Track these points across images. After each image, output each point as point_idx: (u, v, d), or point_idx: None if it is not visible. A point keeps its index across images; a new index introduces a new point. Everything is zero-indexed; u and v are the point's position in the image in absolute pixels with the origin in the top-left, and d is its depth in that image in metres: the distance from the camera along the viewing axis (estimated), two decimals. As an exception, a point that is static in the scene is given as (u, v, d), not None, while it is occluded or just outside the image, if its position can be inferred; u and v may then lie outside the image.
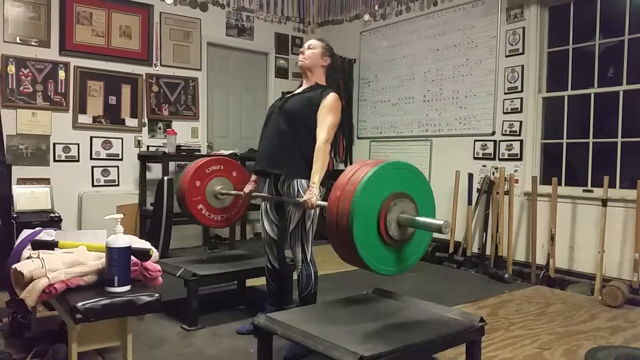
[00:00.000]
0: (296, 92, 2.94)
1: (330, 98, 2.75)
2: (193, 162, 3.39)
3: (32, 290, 2.12)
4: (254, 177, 3.13)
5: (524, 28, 4.65)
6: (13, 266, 2.25)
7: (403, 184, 2.00)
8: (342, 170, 2.03)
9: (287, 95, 2.96)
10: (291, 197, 2.76)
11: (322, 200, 2.58)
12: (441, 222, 1.86)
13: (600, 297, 3.76)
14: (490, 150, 4.92)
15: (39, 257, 2.22)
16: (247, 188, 3.11)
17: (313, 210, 2.73)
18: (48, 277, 2.12)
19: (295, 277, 2.93)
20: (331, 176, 3.01)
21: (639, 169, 3.99)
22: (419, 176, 2.08)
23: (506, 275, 4.33)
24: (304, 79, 2.96)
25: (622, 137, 4.10)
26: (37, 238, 2.49)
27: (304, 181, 2.73)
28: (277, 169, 2.81)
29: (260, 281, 3.67)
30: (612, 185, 4.04)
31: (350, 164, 6.27)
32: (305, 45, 2.92)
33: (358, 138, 6.32)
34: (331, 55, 2.92)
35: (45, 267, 2.15)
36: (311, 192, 2.58)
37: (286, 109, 2.81)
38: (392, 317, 2.23)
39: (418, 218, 1.95)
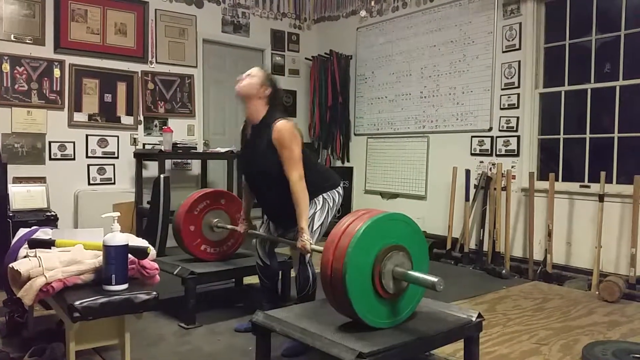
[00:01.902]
0: (249, 137, 2.88)
1: (280, 131, 2.66)
2: (184, 201, 3.37)
3: (29, 289, 2.11)
4: (243, 214, 3.14)
5: (520, 24, 4.65)
6: (10, 265, 2.24)
7: (397, 235, 2.00)
8: (339, 167, 2.02)
9: (246, 150, 2.94)
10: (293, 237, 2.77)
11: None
12: (435, 280, 1.86)
13: (597, 292, 3.77)
14: (487, 146, 4.92)
15: (36, 256, 2.21)
16: (242, 228, 3.13)
17: (317, 218, 2.77)
18: (45, 276, 2.11)
19: (293, 275, 2.93)
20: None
21: (636, 164, 3.99)
22: (413, 227, 2.08)
23: (504, 271, 4.33)
24: (245, 108, 2.85)
25: (618, 133, 4.11)
26: (33, 237, 2.48)
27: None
28: (279, 221, 2.91)
29: (257, 279, 3.66)
30: (609, 180, 4.04)
31: (348, 161, 6.31)
32: (246, 72, 2.84)
33: (355, 135, 6.31)
34: (272, 86, 2.81)
35: (42, 266, 2.14)
36: (302, 239, 2.59)
37: (259, 172, 2.80)
38: (390, 313, 2.22)
39: (412, 273, 1.94)
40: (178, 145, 5.17)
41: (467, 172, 4.92)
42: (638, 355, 2.55)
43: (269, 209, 2.96)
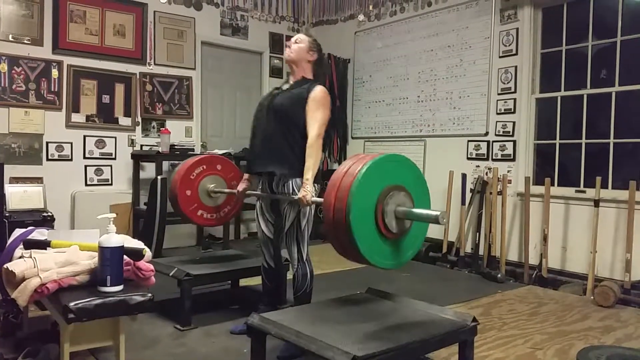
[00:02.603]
0: (284, 87, 2.92)
1: (318, 92, 2.75)
2: (179, 167, 3.34)
3: (24, 289, 2.11)
4: (246, 175, 3.11)
5: (517, 29, 4.67)
6: (5, 265, 2.24)
7: (399, 176, 2.01)
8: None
9: (274, 92, 2.94)
10: (286, 196, 2.75)
11: (318, 197, 2.58)
12: (438, 213, 1.87)
13: (592, 297, 3.78)
14: (483, 150, 4.93)
15: (31, 257, 2.21)
16: (241, 186, 3.10)
17: (308, 208, 2.73)
18: (40, 277, 2.11)
19: (290, 276, 2.93)
20: (325, 175, 3.01)
21: (631, 170, 4.01)
22: (414, 169, 2.09)
23: (499, 275, 4.34)
24: (291, 74, 2.96)
25: (614, 138, 4.13)
26: (29, 237, 2.48)
27: (298, 180, 2.72)
28: (270, 168, 2.80)
29: (254, 281, 3.67)
30: (604, 185, 4.06)
31: (345, 163, 6.31)
32: (293, 39, 2.93)
33: (352, 138, 6.32)
34: (318, 51, 2.93)
35: (37, 267, 2.14)
36: (305, 189, 2.58)
37: (274, 107, 2.80)
38: (385, 317, 2.23)
39: (415, 210, 1.96)
40: (176, 147, 5.18)
41: (464, 176, 4.93)
42: (632, 360, 2.56)
43: (267, 149, 2.80)
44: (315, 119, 2.70)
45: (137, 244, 2.45)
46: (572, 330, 3.13)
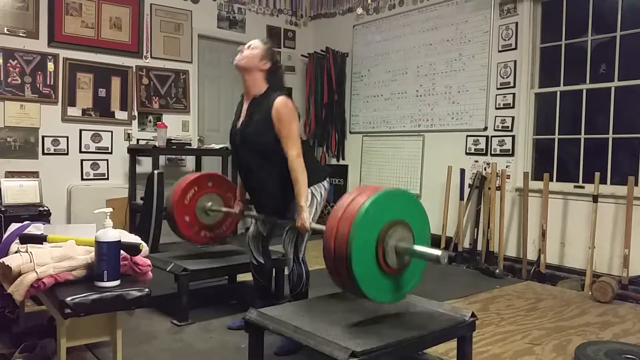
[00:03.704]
0: (244, 109, 2.78)
1: (281, 109, 2.59)
2: (172, 194, 3.31)
3: (20, 284, 2.09)
4: (239, 194, 3.07)
5: (516, 23, 4.65)
6: (1, 260, 2.22)
7: (400, 211, 1.99)
8: (334, 165, 2.01)
9: (240, 117, 2.81)
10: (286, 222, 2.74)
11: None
12: (439, 253, 1.86)
13: (590, 293, 3.78)
14: (482, 145, 4.92)
15: (27, 251, 2.19)
16: (237, 208, 3.08)
17: (312, 215, 2.71)
18: (36, 272, 2.10)
19: (286, 272, 2.92)
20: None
21: (630, 165, 4.01)
22: (415, 203, 2.08)
23: (497, 271, 4.34)
24: (243, 85, 2.79)
25: (613, 134, 4.12)
26: (25, 232, 2.46)
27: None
28: (274, 217, 2.80)
29: (251, 276, 3.65)
30: (603, 181, 4.05)
31: (343, 159, 6.30)
32: (247, 44, 2.77)
33: (350, 133, 6.30)
34: (272, 61, 2.73)
35: (33, 262, 2.12)
36: (301, 217, 2.57)
37: (248, 142, 2.69)
38: (383, 312, 2.22)
39: (416, 247, 1.94)
40: (172, 141, 5.14)
41: (462, 171, 4.92)
42: (630, 356, 2.55)
43: (257, 193, 2.82)
44: (289, 137, 2.58)
45: (134, 238, 2.43)
46: (570, 326, 3.13)
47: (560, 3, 4.46)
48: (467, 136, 5.04)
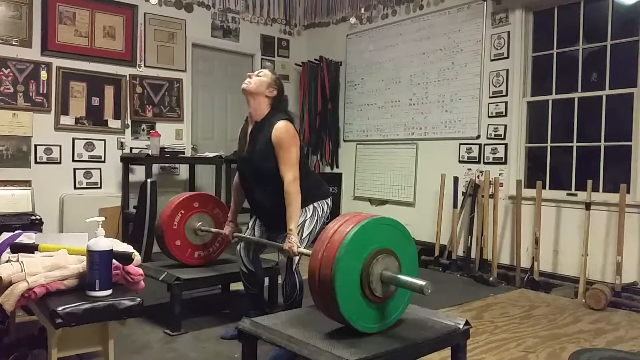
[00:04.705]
0: (249, 131, 2.86)
1: (282, 132, 2.68)
2: (159, 220, 3.31)
3: (11, 294, 2.07)
4: (230, 215, 3.12)
5: (509, 32, 4.69)
6: (-9, 270, 2.20)
7: (387, 239, 1.98)
8: (328, 174, 2.02)
9: (246, 135, 2.89)
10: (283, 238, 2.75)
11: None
12: (423, 283, 1.85)
13: (583, 300, 3.79)
14: (475, 153, 4.94)
15: (18, 261, 2.17)
16: (227, 229, 3.10)
17: (312, 227, 2.77)
18: (27, 281, 2.08)
19: (280, 281, 2.91)
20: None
21: (622, 173, 4.03)
22: (401, 231, 2.07)
23: (491, 279, 4.35)
24: (248, 107, 2.86)
25: (605, 141, 4.15)
26: (16, 241, 2.44)
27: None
28: (278, 232, 2.82)
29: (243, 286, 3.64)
30: (595, 189, 4.07)
31: (337, 167, 6.31)
32: (256, 71, 2.89)
33: (344, 141, 6.31)
34: (279, 90, 2.84)
35: (24, 271, 2.10)
36: (290, 241, 2.59)
37: (251, 167, 2.81)
38: (377, 321, 2.21)
39: (401, 277, 1.93)
40: (166, 150, 5.13)
41: (455, 179, 4.94)
42: (624, 364, 2.56)
43: (260, 210, 2.92)
44: (287, 162, 2.66)
45: (126, 247, 2.42)
46: (564, 334, 3.13)
47: (552, 12, 4.50)
48: (460, 144, 5.06)
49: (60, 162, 5.03)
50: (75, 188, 5.12)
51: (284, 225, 2.66)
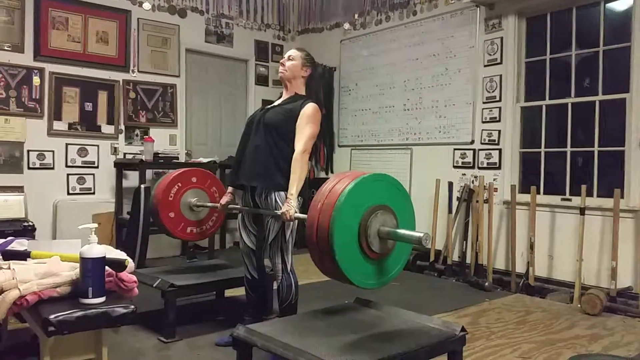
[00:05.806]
0: (276, 103, 2.92)
1: (310, 108, 2.74)
2: (155, 190, 3.28)
3: (2, 302, 2.05)
4: (230, 188, 3.08)
5: (502, 38, 4.70)
6: (-18, 277, 2.17)
7: (383, 196, 1.99)
8: (323, 179, 2.02)
9: (267, 107, 2.94)
10: (269, 209, 2.73)
11: (301, 211, 2.56)
12: (421, 235, 1.85)
13: (579, 305, 3.79)
14: (469, 159, 4.95)
15: (9, 268, 2.15)
16: (224, 200, 3.08)
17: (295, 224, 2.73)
18: (19, 289, 2.06)
19: (275, 287, 2.90)
20: (312, 184, 2.99)
21: (616, 178, 4.04)
22: (399, 188, 2.08)
23: (486, 284, 4.34)
24: (283, 89, 2.94)
25: (598, 147, 4.16)
26: (8, 248, 2.41)
27: (282, 193, 2.70)
28: (253, 181, 2.79)
29: (239, 291, 3.61)
30: (589, 194, 4.08)
31: (332, 172, 6.30)
32: (286, 55, 2.91)
33: (339, 146, 6.31)
34: (311, 65, 2.91)
35: (16, 278, 2.08)
36: (289, 204, 2.56)
37: (266, 121, 2.80)
38: (373, 327, 2.20)
39: (398, 230, 1.94)
40: (159, 155, 5.11)
41: (450, 184, 4.94)
42: (620, 369, 2.56)
43: (250, 162, 2.81)
44: (303, 134, 2.70)
45: (119, 254, 2.40)
46: (559, 339, 3.13)
47: (545, 18, 4.53)
48: (455, 149, 5.07)
49: (53, 168, 5.00)
50: (68, 194, 5.09)
51: (267, 177, 2.69)
